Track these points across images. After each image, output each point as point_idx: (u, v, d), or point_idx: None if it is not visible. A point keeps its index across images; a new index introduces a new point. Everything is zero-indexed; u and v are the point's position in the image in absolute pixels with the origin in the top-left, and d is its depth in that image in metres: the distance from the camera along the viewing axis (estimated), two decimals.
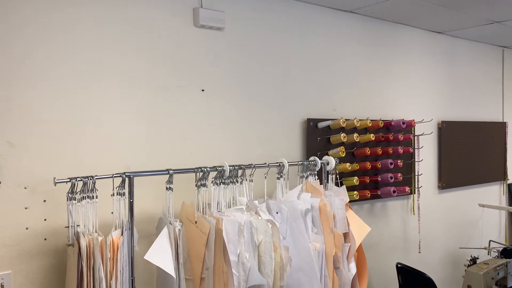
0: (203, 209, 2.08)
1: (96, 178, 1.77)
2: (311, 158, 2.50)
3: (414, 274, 2.90)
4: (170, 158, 2.30)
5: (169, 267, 1.74)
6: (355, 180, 2.94)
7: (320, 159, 2.50)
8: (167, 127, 2.31)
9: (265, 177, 2.30)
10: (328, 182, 2.55)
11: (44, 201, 1.93)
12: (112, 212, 1.87)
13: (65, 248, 1.91)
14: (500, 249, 2.71)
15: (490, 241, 2.92)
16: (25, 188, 1.89)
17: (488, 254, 2.72)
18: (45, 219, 1.93)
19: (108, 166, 2.08)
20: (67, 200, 1.75)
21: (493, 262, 2.46)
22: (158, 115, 2.28)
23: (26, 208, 1.89)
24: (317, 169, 2.49)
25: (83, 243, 1.64)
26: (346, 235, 2.39)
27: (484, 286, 2.26)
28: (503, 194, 4.47)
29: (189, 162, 2.33)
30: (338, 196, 2.42)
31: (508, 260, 2.49)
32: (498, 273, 2.41)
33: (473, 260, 2.58)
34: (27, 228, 1.89)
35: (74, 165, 2.01)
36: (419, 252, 3.53)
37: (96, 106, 2.08)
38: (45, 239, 1.94)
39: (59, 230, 1.96)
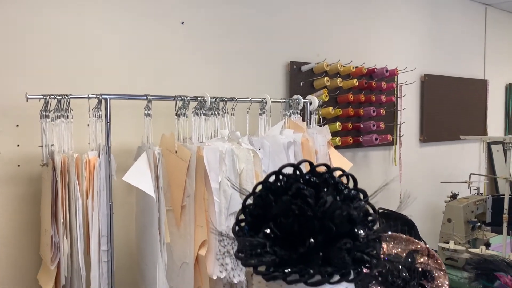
0: (183, 140, 2.03)
1: (70, 97, 1.70)
2: (294, 97, 2.46)
3: (395, 218, 2.92)
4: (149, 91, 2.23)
5: (148, 188, 1.70)
6: (338, 125, 2.91)
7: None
8: (146, 59, 2.23)
9: (247, 112, 2.26)
10: (310, 123, 2.52)
11: (17, 126, 1.85)
12: (89, 143, 1.81)
13: (40, 175, 1.84)
14: (479, 185, 2.75)
15: (470, 174, 2.93)
16: None
17: (468, 188, 2.76)
18: (18, 145, 1.86)
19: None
20: (41, 118, 1.68)
21: (473, 198, 2.49)
22: (137, 47, 2.20)
23: None
24: (300, 108, 2.46)
25: (57, 158, 1.58)
26: None
27: (463, 218, 2.29)
28: (483, 151, 4.52)
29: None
30: (321, 133, 2.40)
31: (487, 196, 2.52)
32: (478, 208, 2.45)
33: (454, 196, 2.61)
34: None
35: (47, 90, 1.92)
36: (400, 202, 3.55)
37: (74, 32, 1.99)
38: (19, 165, 1.86)
39: (33, 157, 1.88)
